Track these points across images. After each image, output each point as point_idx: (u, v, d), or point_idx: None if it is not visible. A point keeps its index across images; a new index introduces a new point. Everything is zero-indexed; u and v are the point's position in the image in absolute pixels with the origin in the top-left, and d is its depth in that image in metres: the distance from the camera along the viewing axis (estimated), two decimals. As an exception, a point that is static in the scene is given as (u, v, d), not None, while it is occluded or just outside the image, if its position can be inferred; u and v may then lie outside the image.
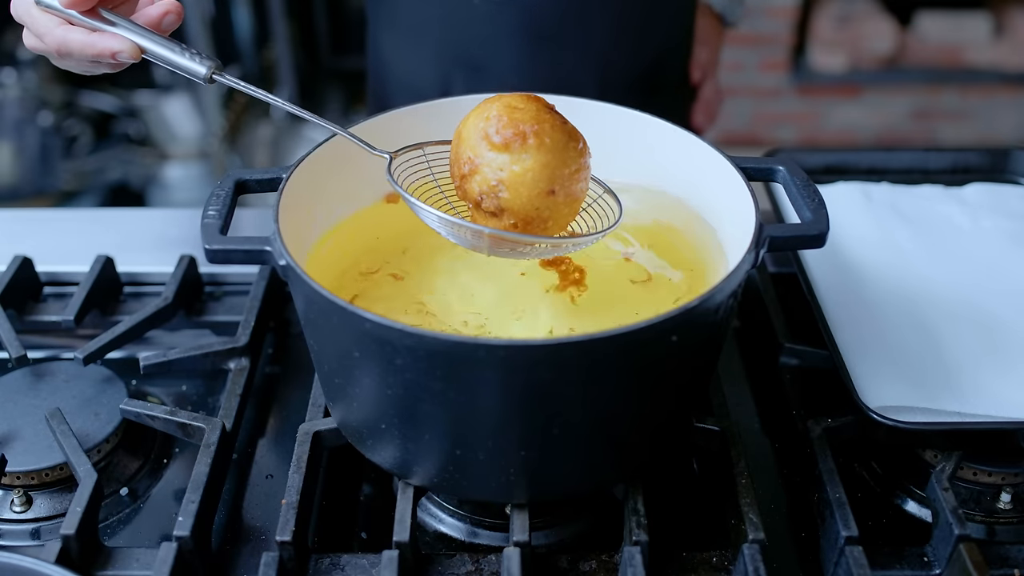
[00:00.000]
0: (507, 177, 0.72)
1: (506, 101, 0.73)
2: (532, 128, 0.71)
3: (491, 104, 0.74)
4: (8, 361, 0.94)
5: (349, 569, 0.76)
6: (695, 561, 0.77)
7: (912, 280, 0.99)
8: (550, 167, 0.72)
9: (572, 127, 0.74)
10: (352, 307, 0.66)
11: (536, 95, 0.75)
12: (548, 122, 0.72)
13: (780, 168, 0.82)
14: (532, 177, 0.71)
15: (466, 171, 0.73)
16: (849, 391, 0.83)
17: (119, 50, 0.74)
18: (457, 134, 0.76)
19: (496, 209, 0.73)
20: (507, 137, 0.71)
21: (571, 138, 0.73)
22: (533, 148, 0.71)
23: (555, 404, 0.68)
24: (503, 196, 0.72)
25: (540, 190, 0.72)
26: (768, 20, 3.50)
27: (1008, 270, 1.01)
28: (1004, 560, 0.77)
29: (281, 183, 0.78)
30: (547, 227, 0.74)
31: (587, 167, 0.75)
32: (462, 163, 0.74)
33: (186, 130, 2.94)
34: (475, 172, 0.73)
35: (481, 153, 0.72)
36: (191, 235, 1.17)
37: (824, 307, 0.95)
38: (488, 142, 0.72)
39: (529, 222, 0.73)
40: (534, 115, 0.72)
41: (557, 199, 0.73)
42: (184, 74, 0.76)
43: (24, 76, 2.76)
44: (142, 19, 0.76)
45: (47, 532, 0.83)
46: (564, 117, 0.74)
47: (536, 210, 0.73)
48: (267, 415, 0.96)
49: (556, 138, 0.72)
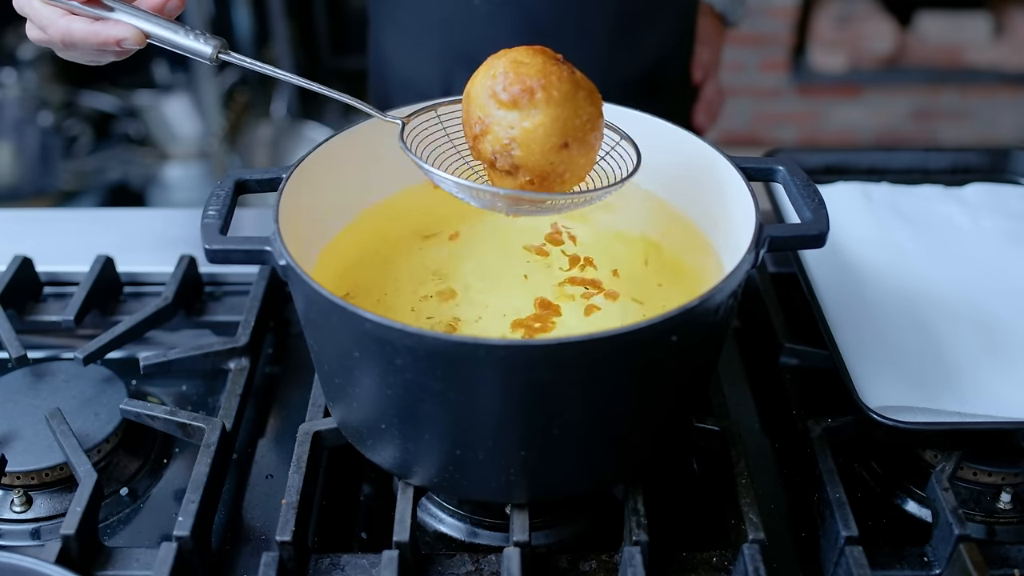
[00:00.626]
0: (518, 134, 0.70)
1: (512, 56, 0.72)
2: (539, 82, 0.70)
3: (497, 60, 0.73)
4: (8, 361, 0.94)
5: (349, 569, 0.76)
6: (695, 561, 0.77)
7: (912, 280, 0.99)
8: (560, 120, 0.70)
9: (581, 76, 0.73)
10: (352, 307, 0.66)
11: (542, 47, 0.73)
12: (555, 74, 0.70)
13: (780, 168, 0.82)
14: (543, 132, 0.70)
15: (478, 131, 0.72)
16: (849, 391, 0.83)
17: (123, 37, 0.74)
18: (466, 94, 0.74)
19: (511, 167, 0.72)
20: (514, 94, 0.70)
21: (580, 87, 0.71)
22: (542, 102, 0.70)
23: (555, 404, 0.68)
24: (516, 154, 0.71)
25: (553, 144, 0.70)
26: (768, 20, 3.50)
27: (1008, 270, 1.01)
28: (1004, 560, 0.77)
29: (281, 183, 0.78)
30: (564, 180, 0.73)
31: (600, 115, 0.73)
32: (473, 123, 0.73)
33: (186, 130, 2.94)
34: (486, 132, 0.72)
35: (490, 112, 0.71)
36: (191, 235, 1.17)
37: (824, 307, 0.95)
38: (496, 100, 0.71)
39: (545, 177, 0.72)
40: (540, 68, 0.70)
41: (571, 151, 0.71)
42: (190, 55, 0.76)
43: (24, 76, 2.76)
44: (145, 5, 0.76)
45: (47, 532, 0.83)
46: (572, 66, 0.73)
47: (551, 164, 0.71)
48: (267, 415, 0.96)
49: (564, 90, 0.70)
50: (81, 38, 0.75)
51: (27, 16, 0.77)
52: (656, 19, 1.24)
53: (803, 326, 0.97)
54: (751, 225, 0.74)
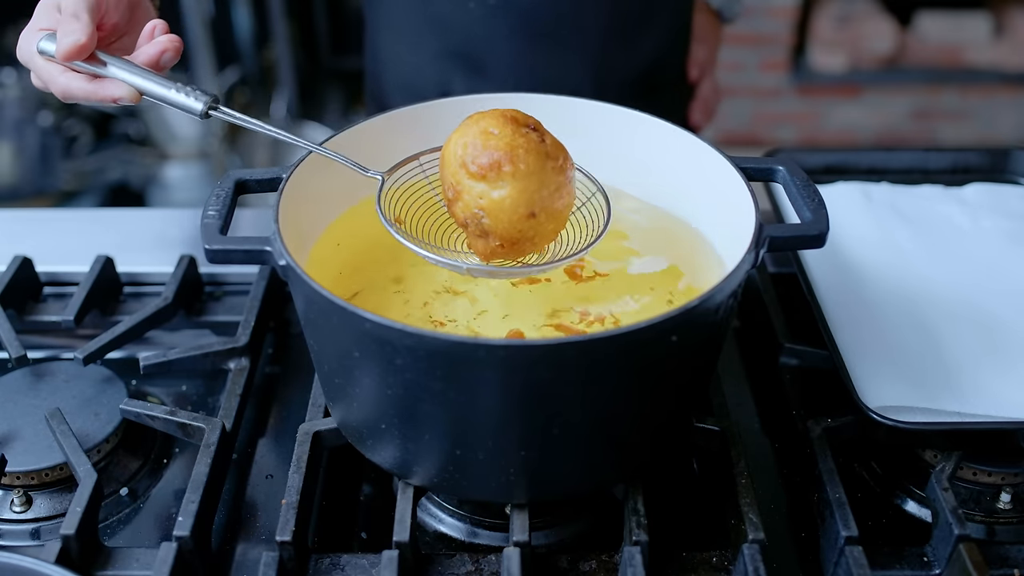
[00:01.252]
0: (486, 204, 0.73)
1: (483, 126, 0.74)
2: (507, 155, 0.72)
3: (469, 128, 0.74)
4: (8, 361, 0.94)
5: (349, 569, 0.76)
6: (695, 561, 0.77)
7: (912, 280, 0.99)
8: (528, 192, 0.72)
9: (551, 145, 0.74)
10: (352, 307, 0.66)
11: (515, 113, 0.75)
12: (522, 147, 0.72)
13: (780, 168, 0.82)
14: (511, 203, 0.72)
15: (451, 196, 0.75)
16: (849, 391, 0.83)
17: (119, 97, 0.77)
18: (442, 156, 0.77)
19: (481, 232, 0.75)
20: (482, 166, 0.72)
21: (548, 157, 0.73)
22: (509, 176, 0.72)
23: (555, 404, 0.68)
24: (485, 222, 0.74)
25: (520, 214, 0.73)
26: (768, 20, 3.50)
27: (1008, 270, 1.01)
28: (1004, 560, 0.77)
29: (281, 183, 0.78)
30: (535, 243, 0.76)
31: (568, 182, 0.75)
32: (446, 188, 0.76)
33: (186, 130, 2.94)
34: (458, 198, 0.75)
35: (461, 180, 0.74)
36: (191, 235, 1.17)
37: (824, 307, 0.95)
38: (466, 170, 0.73)
39: (515, 243, 0.75)
40: (508, 140, 0.72)
41: (539, 219, 0.74)
42: (183, 110, 0.78)
43: (24, 76, 2.76)
44: (141, 58, 0.78)
45: (47, 532, 0.83)
46: (543, 134, 0.74)
47: (520, 232, 0.74)
48: (267, 415, 0.96)
49: (531, 162, 0.72)
50: (81, 96, 0.78)
51: (30, 68, 0.80)
52: (652, 18, 1.24)
53: (803, 326, 0.97)
54: (751, 225, 0.74)
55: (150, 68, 0.78)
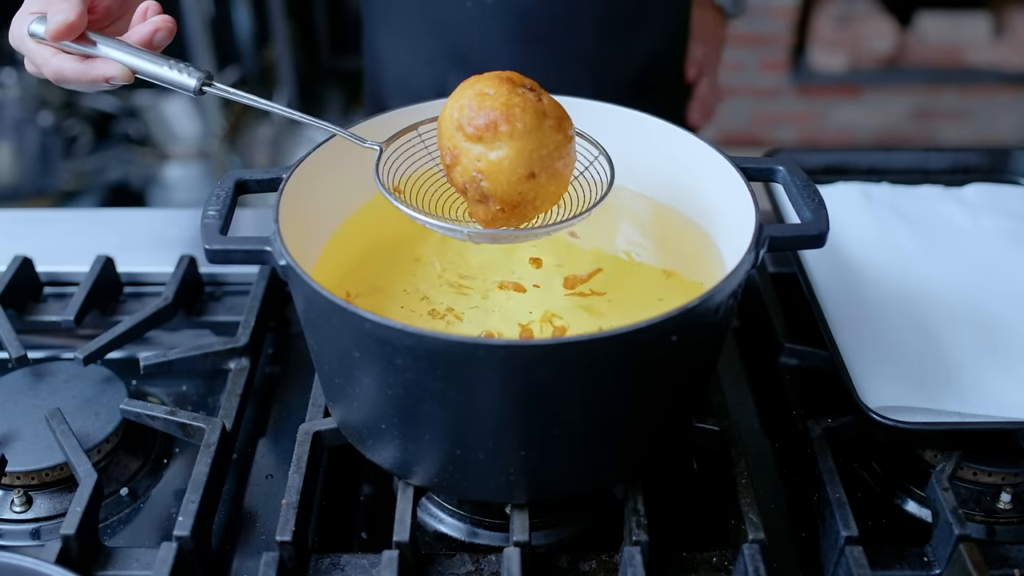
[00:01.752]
0: (484, 167, 0.71)
1: (478, 87, 0.72)
2: (503, 115, 0.70)
3: (464, 91, 0.73)
4: (8, 361, 0.94)
5: (349, 569, 0.76)
6: (695, 561, 0.77)
7: (912, 280, 0.99)
8: (526, 151, 0.71)
9: (549, 103, 0.73)
10: (352, 307, 0.66)
11: (511, 74, 0.74)
12: (519, 106, 0.71)
13: (780, 168, 0.82)
14: (509, 164, 0.71)
15: (448, 161, 0.74)
16: (849, 391, 0.83)
17: (112, 75, 0.76)
18: (439, 123, 0.75)
19: (480, 196, 0.73)
20: (479, 127, 0.71)
21: (546, 116, 0.72)
22: (506, 135, 0.70)
23: (555, 404, 0.68)
24: (484, 185, 0.72)
25: (519, 175, 0.71)
26: (768, 20, 3.50)
27: (1008, 270, 1.01)
28: (1004, 560, 0.77)
29: (281, 183, 0.78)
30: (536, 207, 0.74)
31: (568, 142, 0.73)
32: (444, 153, 0.74)
33: (186, 130, 2.94)
34: (456, 163, 0.73)
35: (458, 144, 0.72)
36: (191, 235, 1.17)
37: (824, 307, 0.95)
38: (463, 133, 0.72)
39: (516, 206, 0.73)
40: (504, 100, 0.71)
41: (539, 180, 0.72)
42: (176, 88, 0.77)
43: (24, 76, 2.76)
44: (133, 37, 0.77)
45: (47, 532, 0.83)
46: (541, 93, 0.73)
47: (520, 194, 0.72)
48: (267, 415, 0.96)
49: (528, 121, 0.71)
50: (73, 77, 0.77)
51: (22, 52, 0.79)
52: (646, 18, 1.23)
53: (803, 326, 0.97)
54: (751, 225, 0.74)
55: (143, 48, 0.77)
